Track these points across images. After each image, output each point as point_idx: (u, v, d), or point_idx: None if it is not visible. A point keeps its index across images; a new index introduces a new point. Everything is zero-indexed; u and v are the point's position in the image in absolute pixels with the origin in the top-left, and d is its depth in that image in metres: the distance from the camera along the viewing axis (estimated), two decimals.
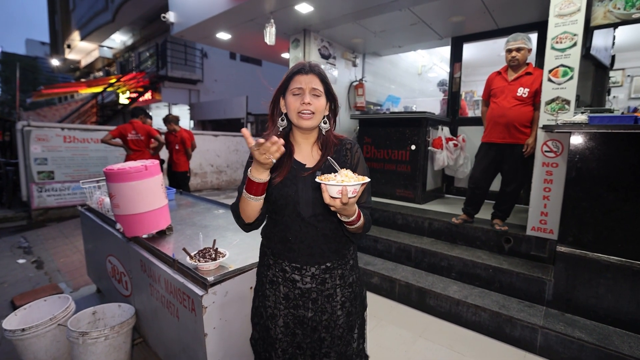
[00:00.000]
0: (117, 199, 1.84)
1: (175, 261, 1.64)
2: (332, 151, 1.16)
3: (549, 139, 2.66)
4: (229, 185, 9.41)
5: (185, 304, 1.55)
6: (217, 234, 2.09)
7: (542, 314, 2.42)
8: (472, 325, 2.57)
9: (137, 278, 2.04)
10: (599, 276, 2.29)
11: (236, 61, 14.31)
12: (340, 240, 1.17)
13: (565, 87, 2.55)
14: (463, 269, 2.94)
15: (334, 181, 0.90)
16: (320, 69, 1.13)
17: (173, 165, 5.22)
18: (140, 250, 1.94)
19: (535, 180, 2.78)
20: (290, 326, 1.17)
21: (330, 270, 1.16)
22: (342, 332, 1.19)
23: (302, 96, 1.08)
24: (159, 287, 1.77)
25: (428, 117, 3.97)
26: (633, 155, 2.18)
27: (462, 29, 4.37)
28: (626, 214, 2.21)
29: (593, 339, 2.13)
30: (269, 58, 6.79)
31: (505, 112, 2.92)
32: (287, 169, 1.12)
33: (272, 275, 1.19)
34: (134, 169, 1.81)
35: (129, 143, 4.61)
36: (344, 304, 1.19)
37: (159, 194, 1.95)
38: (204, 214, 2.57)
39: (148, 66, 13.51)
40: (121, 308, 2.15)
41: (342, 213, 0.97)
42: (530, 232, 2.84)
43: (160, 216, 1.97)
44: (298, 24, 4.50)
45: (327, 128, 1.18)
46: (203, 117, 12.96)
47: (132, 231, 1.93)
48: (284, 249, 1.15)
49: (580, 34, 2.48)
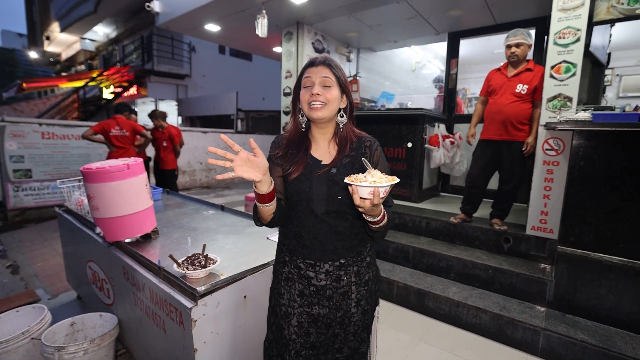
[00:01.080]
0: (96, 200, 1.74)
1: (161, 269, 1.53)
2: (348, 148, 1.15)
3: (550, 137, 2.66)
4: (219, 184, 9.29)
5: (172, 317, 1.44)
6: (206, 237, 1.99)
7: (544, 315, 2.41)
8: (473, 328, 2.55)
9: (119, 286, 1.92)
10: (601, 277, 2.29)
11: (225, 56, 14.14)
12: (354, 237, 1.16)
13: (567, 84, 2.55)
14: (462, 269, 2.93)
15: (365, 182, 0.88)
16: (331, 61, 1.12)
17: (160, 162, 5.12)
18: (122, 256, 1.82)
19: (536, 179, 2.77)
20: (304, 326, 1.17)
21: (344, 267, 1.15)
22: (356, 329, 1.19)
23: (311, 88, 1.08)
24: (143, 297, 1.66)
25: (425, 114, 3.95)
26: (637, 153, 2.18)
27: (460, 24, 4.36)
28: (630, 214, 2.21)
29: (596, 340, 2.13)
30: (260, 52, 6.70)
31: (502, 109, 2.91)
32: (303, 165, 1.13)
33: (287, 272, 1.20)
34: (114, 167, 1.71)
35: (112, 139, 4.47)
36: (359, 301, 1.19)
37: (142, 194, 1.84)
38: (192, 216, 2.48)
39: (133, 60, 13.25)
40: (103, 318, 2.03)
41: (369, 213, 0.98)
42: (530, 232, 2.84)
43: (144, 219, 1.87)
44: (291, 15, 4.43)
45: (344, 122, 1.17)
46: (191, 113, 12.79)
47: (113, 235, 1.82)
48: (298, 245, 1.16)
49: (584, 29, 2.47)
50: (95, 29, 15.65)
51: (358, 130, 1.21)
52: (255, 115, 12.59)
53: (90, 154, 6.23)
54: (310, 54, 4.81)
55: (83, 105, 12.36)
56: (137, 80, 11.93)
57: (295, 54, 4.68)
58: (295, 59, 4.69)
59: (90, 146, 6.11)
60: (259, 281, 1.58)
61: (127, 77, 12.16)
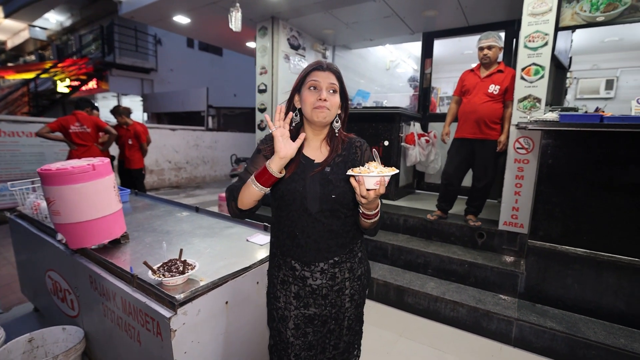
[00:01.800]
0: (58, 204, 1.60)
1: (135, 277, 1.44)
2: (340, 148, 1.21)
3: (521, 136, 2.84)
4: (189, 183, 9.08)
5: (148, 327, 1.36)
6: (182, 240, 1.90)
7: (516, 306, 2.58)
8: (451, 321, 2.69)
9: (85, 296, 1.80)
10: (567, 268, 2.49)
11: (194, 50, 13.75)
12: (347, 235, 1.20)
13: (536, 86, 2.74)
14: (439, 265, 3.07)
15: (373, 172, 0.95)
16: (337, 68, 1.18)
17: (126, 162, 4.91)
18: (88, 264, 1.71)
19: (508, 177, 2.96)
20: (301, 327, 1.21)
21: (339, 264, 1.20)
22: (350, 323, 1.26)
23: (319, 91, 1.12)
24: (114, 307, 1.57)
25: (401, 113, 4.07)
26: (598, 152, 2.39)
27: (434, 24, 4.53)
28: (592, 208, 2.41)
29: (563, 327, 2.32)
30: (232, 46, 6.60)
31: (476, 108, 3.08)
32: (296, 164, 1.16)
33: (283, 276, 1.23)
34: (78, 168, 1.58)
35: (73, 137, 4.21)
36: (352, 296, 1.24)
37: (110, 197, 1.73)
38: (164, 218, 2.34)
39: (92, 51, 12.57)
40: (66, 331, 1.89)
41: (368, 206, 1.03)
42: (502, 227, 3.03)
43: (113, 223, 1.75)
44: (266, 10, 4.40)
45: (339, 127, 1.23)
46: (158, 109, 12.37)
47: (78, 242, 1.69)
48: (292, 245, 1.18)
49: (552, 34, 2.66)
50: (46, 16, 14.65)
51: (348, 133, 1.27)
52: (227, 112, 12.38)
53: (45, 152, 5.82)
54: (286, 50, 4.82)
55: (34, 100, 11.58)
56: (96, 73, 11.33)
57: (271, 50, 4.66)
58: (271, 54, 4.68)
59: (44, 144, 5.70)
60: (240, 286, 1.55)
61: (86, 69, 11.50)
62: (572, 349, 2.25)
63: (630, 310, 2.29)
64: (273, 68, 4.71)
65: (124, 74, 11.60)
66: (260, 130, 4.95)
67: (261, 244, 1.87)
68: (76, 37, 14.02)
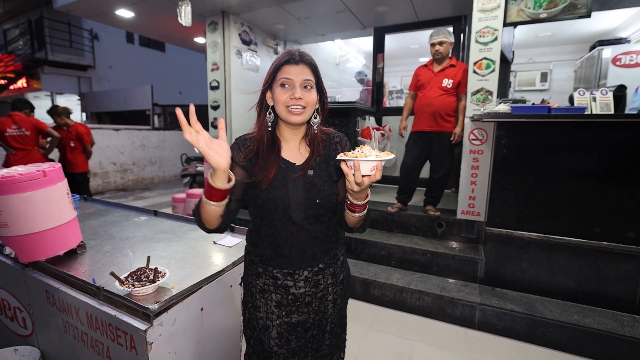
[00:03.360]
0: (5, 216, 1.43)
1: (101, 288, 1.30)
2: (321, 147, 1.09)
3: (475, 128, 2.86)
4: (137, 185, 8.43)
5: (120, 342, 1.25)
6: (144, 247, 1.75)
7: (477, 291, 2.61)
8: (417, 310, 2.66)
9: (40, 313, 1.61)
10: (523, 252, 2.55)
11: (135, 45, 12.76)
12: (330, 239, 1.12)
13: (488, 79, 2.76)
14: (402, 256, 3.04)
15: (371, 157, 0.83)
16: (311, 59, 1.02)
17: (68, 165, 4.42)
18: (44, 278, 1.53)
19: (464, 167, 2.98)
20: (284, 335, 1.12)
21: (322, 271, 1.11)
22: (333, 327, 1.18)
23: (292, 89, 0.98)
24: (76, 323, 1.42)
25: (357, 107, 3.99)
26: (545, 141, 2.45)
27: (385, 19, 4.48)
28: (543, 194, 2.48)
29: (521, 308, 2.37)
30: (179, 42, 6.13)
31: (431, 102, 3.07)
32: (275, 168, 1.02)
33: (262, 284, 1.11)
34: (26, 175, 1.41)
35: (9, 140, 3.77)
36: (335, 301, 1.17)
37: (64, 205, 1.56)
38: (121, 224, 2.16)
39: (19, 47, 11.21)
40: (19, 352, 1.68)
41: (359, 195, 0.91)
42: (461, 216, 3.05)
43: (68, 232, 1.58)
44: (215, 4, 4.10)
45: (318, 123, 1.09)
46: (98, 108, 11.37)
47: (29, 255, 1.52)
48: (274, 254, 1.07)
49: (501, 29, 2.69)
50: None
51: (326, 128, 1.15)
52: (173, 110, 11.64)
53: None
54: (238, 46, 4.53)
55: None
56: (26, 71, 10.20)
57: (222, 45, 4.36)
58: (222, 50, 4.37)
59: None
60: (215, 291, 1.46)
61: (14, 67, 10.28)
62: (531, 327, 2.30)
63: (580, 287, 2.39)
64: (225, 64, 4.41)
65: (58, 72, 10.51)
66: (213, 128, 4.63)
67: (230, 245, 1.77)
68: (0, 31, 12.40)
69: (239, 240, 1.83)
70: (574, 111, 2.27)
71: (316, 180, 1.03)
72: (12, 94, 10.81)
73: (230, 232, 1.97)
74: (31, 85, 10.49)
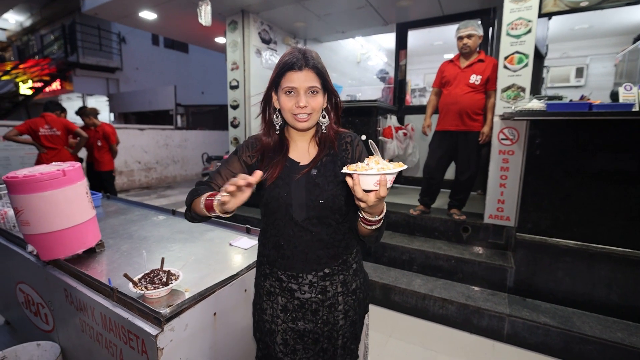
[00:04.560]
0: (26, 214, 1.44)
1: (115, 290, 1.28)
2: (329, 147, 1.05)
3: (505, 127, 2.66)
4: (160, 183, 8.60)
5: (132, 345, 1.22)
6: (161, 247, 1.74)
7: (506, 302, 2.42)
8: (440, 319, 2.51)
9: (61, 310, 1.63)
10: (558, 260, 2.34)
11: (160, 47, 13.01)
12: (339, 244, 1.05)
13: (520, 74, 2.56)
14: (425, 261, 2.88)
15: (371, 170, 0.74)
16: (316, 62, 0.98)
17: (95, 164, 4.57)
18: (62, 276, 1.54)
19: (492, 169, 2.78)
20: (289, 343, 1.07)
21: (329, 277, 1.05)
22: (345, 341, 1.10)
23: (296, 97, 0.96)
24: (92, 323, 1.41)
25: (378, 106, 3.84)
26: (585, 141, 2.23)
27: (408, 14, 4.30)
28: (582, 198, 2.26)
29: (556, 322, 2.17)
30: (201, 42, 6.17)
31: (458, 100, 2.88)
32: (280, 168, 1.01)
33: (269, 286, 1.09)
34: (47, 175, 1.42)
35: (42, 139, 3.88)
36: (347, 312, 1.09)
37: (83, 204, 1.56)
38: (140, 223, 2.17)
39: (54, 51, 11.72)
40: (41, 347, 1.73)
41: (371, 211, 0.85)
42: (488, 220, 2.86)
43: (86, 231, 1.59)
44: (235, 3, 4.06)
45: (327, 123, 1.05)
46: (125, 109, 11.71)
47: (49, 253, 1.53)
48: (278, 255, 1.05)
49: (535, 21, 2.48)
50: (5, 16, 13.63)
51: (337, 128, 1.09)
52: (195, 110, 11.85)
53: (10, 156, 5.48)
54: (258, 45, 4.47)
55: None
56: (60, 74, 10.59)
57: (242, 45, 4.31)
58: (242, 49, 4.33)
59: (9, 148, 5.38)
60: (228, 295, 1.41)
61: (48, 70, 10.73)
62: (567, 344, 2.10)
63: (625, 302, 2.16)
64: (245, 63, 4.37)
65: (88, 74, 10.87)
66: (233, 128, 4.60)
67: (245, 247, 1.73)
68: (37, 37, 13.11)
69: (255, 243, 1.79)
70: (619, 108, 2.03)
71: (320, 180, 1.00)
72: (47, 95, 11.28)
73: (247, 234, 1.94)
74: (64, 87, 10.90)
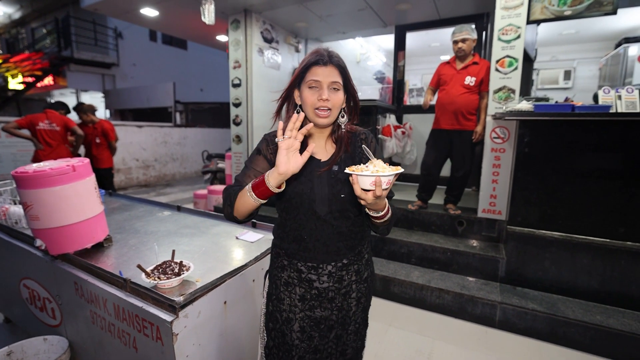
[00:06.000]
0: (36, 209, 1.50)
1: (127, 281, 1.36)
2: (347, 145, 1.12)
3: (496, 126, 2.86)
4: (159, 181, 8.66)
5: (146, 332, 1.30)
6: (168, 241, 1.83)
7: (498, 290, 2.62)
8: (437, 308, 2.69)
9: (69, 304, 1.70)
10: (545, 251, 2.55)
11: (157, 43, 12.98)
12: (355, 236, 1.13)
13: (511, 77, 2.76)
14: (422, 254, 3.07)
15: (367, 171, 0.84)
16: (340, 60, 1.05)
17: (94, 161, 4.56)
18: (72, 269, 1.61)
19: (485, 165, 2.98)
20: (306, 330, 1.13)
21: (346, 267, 1.13)
22: (357, 327, 1.19)
23: (319, 90, 1.01)
24: (104, 314, 1.48)
25: (378, 105, 4.02)
26: (569, 140, 2.44)
27: (406, 17, 4.49)
28: (566, 193, 2.48)
29: (543, 308, 2.37)
30: (202, 40, 6.26)
31: (453, 100, 3.07)
32: None
33: (287, 277, 1.14)
34: (57, 170, 1.48)
35: (40, 134, 3.92)
36: (359, 299, 1.18)
37: (92, 199, 1.63)
38: (146, 218, 2.24)
39: (47, 45, 11.58)
40: (48, 342, 1.77)
41: (372, 207, 0.94)
42: (481, 214, 3.06)
43: (95, 226, 1.66)
44: (238, 3, 4.18)
45: (345, 122, 1.12)
46: (121, 105, 11.67)
47: (59, 248, 1.60)
48: (299, 248, 1.10)
49: (524, 27, 2.68)
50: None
51: (352, 126, 1.17)
52: (195, 107, 11.87)
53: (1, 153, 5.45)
54: (259, 44, 4.62)
55: None
56: (53, 68, 10.44)
57: (244, 43, 4.45)
58: (244, 48, 4.46)
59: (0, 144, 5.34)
60: (238, 285, 1.51)
61: (41, 65, 10.58)
62: (552, 327, 2.31)
63: (604, 288, 2.39)
64: (247, 62, 4.50)
65: (83, 69, 10.80)
66: (235, 126, 4.73)
67: (252, 241, 1.82)
68: (28, 30, 12.87)
69: (261, 236, 1.88)
70: (598, 109, 2.25)
71: (341, 175, 1.06)
72: (39, 91, 11.19)
73: (252, 228, 2.01)
74: (57, 82, 10.79)
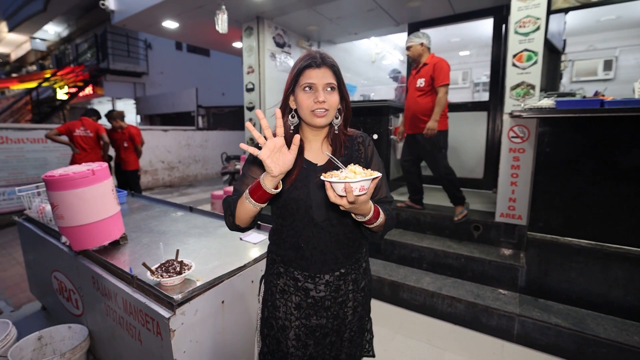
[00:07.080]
0: (61, 209, 1.61)
1: (134, 277, 1.41)
2: (343, 148, 1.04)
3: (515, 125, 2.56)
4: (182, 182, 8.85)
5: (148, 327, 1.33)
6: (177, 241, 1.86)
7: (517, 301, 2.33)
8: (449, 317, 2.45)
9: (89, 296, 1.78)
10: (571, 260, 2.23)
11: (183, 52, 13.32)
12: (353, 244, 1.06)
13: (530, 72, 2.45)
14: (434, 259, 2.81)
15: (336, 178, 0.77)
16: (332, 61, 0.98)
17: (122, 163, 4.76)
18: (91, 265, 1.68)
19: (503, 167, 2.68)
20: (301, 338, 1.08)
21: (344, 276, 1.07)
22: (352, 335, 1.13)
23: (315, 93, 0.95)
24: (115, 307, 1.54)
25: (389, 105, 3.79)
26: (598, 138, 2.12)
27: (419, 14, 4.20)
28: (593, 197, 2.15)
29: (569, 323, 2.07)
30: (219, 48, 6.27)
31: (409, 105, 3.03)
32: (298, 169, 1.00)
33: (282, 285, 1.09)
34: (78, 174, 1.57)
35: (77, 140, 4.15)
36: (355, 308, 1.11)
37: (109, 200, 1.72)
38: (160, 218, 2.30)
39: (87, 59, 12.21)
40: (72, 330, 1.88)
41: (354, 212, 0.87)
42: (499, 219, 2.76)
43: (112, 225, 1.74)
44: (250, 10, 4.11)
45: (339, 123, 1.04)
46: (150, 111, 12.06)
47: (80, 244, 1.69)
48: (296, 256, 1.04)
49: (543, 18, 2.37)
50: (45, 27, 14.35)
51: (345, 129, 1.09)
52: (216, 111, 12.07)
53: (48, 157, 5.72)
54: (272, 49, 4.50)
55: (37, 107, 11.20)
56: (92, 79, 11.00)
57: (257, 49, 4.35)
58: (257, 54, 4.37)
59: (46, 149, 5.65)
60: (236, 285, 1.49)
61: (82, 76, 11.18)
62: (580, 346, 2.00)
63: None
64: (260, 67, 4.41)
65: (117, 79, 11.27)
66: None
67: (255, 242, 1.81)
68: (73, 46, 13.68)
69: (264, 238, 1.86)
70: (633, 104, 1.91)
71: None
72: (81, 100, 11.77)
73: (256, 229, 1.99)
74: (96, 91, 11.31)
